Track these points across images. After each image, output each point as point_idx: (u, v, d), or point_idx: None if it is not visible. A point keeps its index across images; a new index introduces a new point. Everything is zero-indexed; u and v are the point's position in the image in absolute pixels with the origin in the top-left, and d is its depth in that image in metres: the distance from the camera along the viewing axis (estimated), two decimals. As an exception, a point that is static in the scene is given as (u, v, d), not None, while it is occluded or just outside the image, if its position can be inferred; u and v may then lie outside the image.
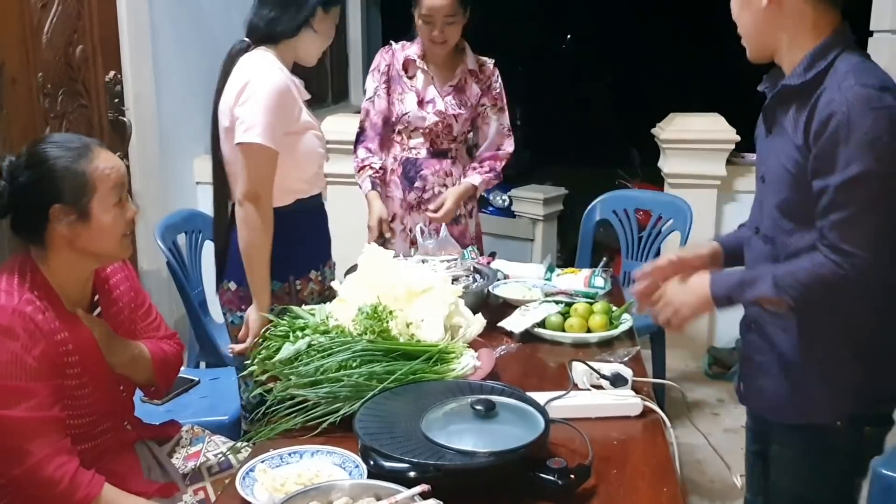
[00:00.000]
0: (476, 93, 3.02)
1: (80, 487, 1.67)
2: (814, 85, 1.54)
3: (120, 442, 1.90)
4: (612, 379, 1.85)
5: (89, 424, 1.80)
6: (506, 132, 3.08)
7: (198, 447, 2.02)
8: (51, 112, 3.12)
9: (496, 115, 3.06)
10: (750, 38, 1.65)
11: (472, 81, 3.01)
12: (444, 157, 3.03)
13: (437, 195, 2.98)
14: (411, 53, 2.98)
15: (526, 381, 1.94)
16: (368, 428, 1.56)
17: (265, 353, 1.87)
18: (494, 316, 2.28)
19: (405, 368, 1.80)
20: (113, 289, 1.93)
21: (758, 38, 1.63)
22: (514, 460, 1.47)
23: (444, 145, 3.02)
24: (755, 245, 1.74)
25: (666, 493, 1.49)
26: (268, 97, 2.15)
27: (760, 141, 1.75)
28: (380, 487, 1.37)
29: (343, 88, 6.69)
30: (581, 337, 2.21)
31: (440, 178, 3.02)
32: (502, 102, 3.08)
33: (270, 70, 2.20)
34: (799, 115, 1.56)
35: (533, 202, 5.18)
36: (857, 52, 1.57)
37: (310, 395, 1.74)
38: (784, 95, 1.61)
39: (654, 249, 3.83)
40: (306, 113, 2.31)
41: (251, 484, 1.48)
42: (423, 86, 2.98)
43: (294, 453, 1.59)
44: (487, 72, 3.04)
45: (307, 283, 2.37)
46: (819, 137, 1.49)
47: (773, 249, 1.67)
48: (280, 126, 2.19)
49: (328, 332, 1.90)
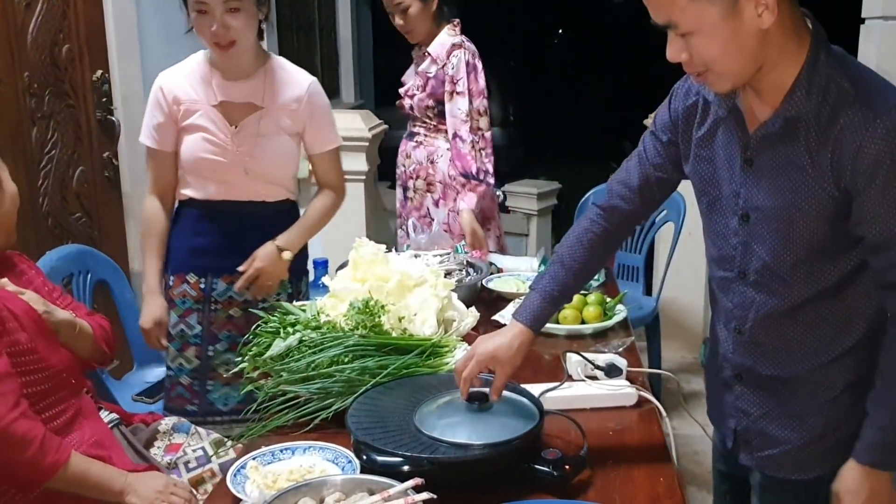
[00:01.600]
0: (436, 75, 3.04)
1: (49, 452, 1.64)
2: (823, 115, 1.34)
3: (83, 410, 1.86)
4: (606, 369, 1.84)
5: (45, 391, 1.76)
6: (462, 118, 2.97)
7: (181, 438, 2.00)
8: (37, 112, 3.08)
9: (448, 99, 3.00)
10: (738, 71, 1.35)
11: (432, 64, 3.05)
12: (411, 139, 3.21)
13: (401, 174, 3.23)
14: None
15: (520, 373, 1.90)
16: (361, 423, 1.54)
17: (256, 350, 1.85)
18: (488, 310, 2.26)
19: (398, 363, 1.78)
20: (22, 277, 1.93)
21: (748, 67, 1.35)
22: (509, 452, 1.45)
23: (415, 127, 3.19)
24: (740, 292, 1.52)
25: (662, 483, 1.47)
26: (150, 96, 2.33)
27: (731, 176, 1.48)
28: (372, 482, 1.36)
29: (334, 86, 6.68)
30: (575, 328, 2.20)
31: (402, 158, 3.24)
32: (454, 87, 2.99)
33: (168, 70, 2.33)
34: (817, 150, 1.35)
35: (527, 197, 5.17)
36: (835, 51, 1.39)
37: (301, 391, 1.73)
38: (785, 130, 1.38)
39: (647, 241, 3.83)
40: (205, 116, 2.28)
41: (242, 481, 1.46)
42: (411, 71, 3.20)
43: (286, 449, 1.57)
44: (434, 54, 3.05)
45: (180, 283, 2.37)
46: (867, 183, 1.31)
47: (769, 296, 1.48)
48: (153, 122, 2.31)
49: (319, 328, 1.89)
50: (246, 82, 2.30)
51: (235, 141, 2.27)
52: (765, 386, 1.55)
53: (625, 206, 1.68)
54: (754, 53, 1.32)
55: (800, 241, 1.41)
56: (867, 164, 1.30)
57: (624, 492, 1.45)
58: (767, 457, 1.56)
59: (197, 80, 2.30)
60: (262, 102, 2.30)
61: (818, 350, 1.48)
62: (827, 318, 1.47)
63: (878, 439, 1.41)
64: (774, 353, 1.52)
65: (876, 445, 1.41)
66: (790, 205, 1.40)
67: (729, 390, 1.61)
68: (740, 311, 1.53)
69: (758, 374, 1.55)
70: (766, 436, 1.55)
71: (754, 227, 1.46)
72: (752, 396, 1.57)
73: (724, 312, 1.59)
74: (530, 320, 1.62)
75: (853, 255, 1.42)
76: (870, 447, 1.42)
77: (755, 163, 1.44)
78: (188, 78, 2.31)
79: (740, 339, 1.55)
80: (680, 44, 1.34)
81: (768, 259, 1.46)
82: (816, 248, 1.42)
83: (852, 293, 1.45)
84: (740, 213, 1.48)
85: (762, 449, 1.57)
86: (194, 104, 2.28)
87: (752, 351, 1.54)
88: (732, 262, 1.52)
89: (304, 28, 6.06)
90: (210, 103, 2.28)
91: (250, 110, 2.30)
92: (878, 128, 1.29)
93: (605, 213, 1.70)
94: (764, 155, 1.42)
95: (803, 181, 1.38)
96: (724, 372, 1.61)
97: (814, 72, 1.35)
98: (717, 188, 1.52)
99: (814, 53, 1.35)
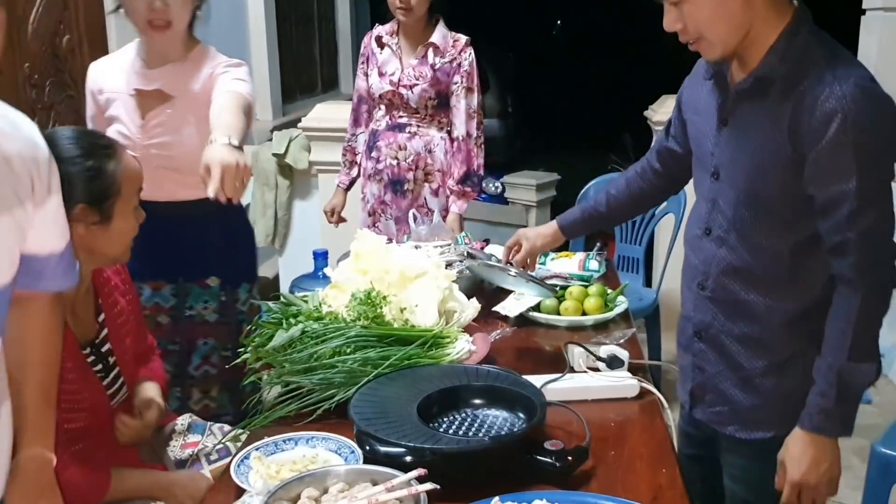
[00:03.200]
0: (441, 67, 3.01)
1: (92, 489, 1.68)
2: (792, 76, 1.43)
3: (113, 440, 1.87)
4: (608, 361, 1.84)
5: (81, 429, 1.76)
6: (472, 113, 3.06)
7: (196, 437, 2.00)
8: (38, 103, 3.09)
9: (465, 95, 3.04)
10: (726, 37, 1.46)
11: (436, 56, 3.01)
12: (401, 130, 3.09)
13: (388, 167, 3.10)
14: (384, 31, 3.11)
15: (522, 364, 1.93)
16: (364, 413, 1.54)
17: (259, 341, 1.86)
18: (489, 301, 2.26)
19: (400, 354, 1.78)
20: (113, 289, 1.90)
21: (735, 33, 1.45)
22: (511, 443, 1.46)
23: (403, 118, 3.08)
24: (705, 248, 1.62)
25: (665, 473, 1.48)
26: None
27: (708, 135, 1.60)
28: (375, 472, 1.36)
29: (333, 77, 6.67)
30: (576, 320, 2.20)
31: (393, 151, 3.10)
32: (471, 83, 3.05)
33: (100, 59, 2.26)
34: (780, 109, 1.44)
35: (526, 188, 5.17)
36: (821, 33, 1.47)
37: (304, 381, 1.73)
38: (755, 88, 1.48)
39: (647, 233, 3.83)
40: (121, 106, 2.18)
41: (246, 472, 1.47)
42: (387, 59, 3.08)
43: (289, 440, 1.58)
44: (459, 47, 3.03)
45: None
46: (817, 139, 1.38)
47: (728, 252, 1.57)
48: (88, 114, 2.22)
49: (322, 319, 1.89)
50: (162, 69, 2.18)
51: (144, 134, 2.15)
52: (720, 344, 1.63)
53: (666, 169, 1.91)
54: (740, 19, 1.43)
55: (760, 201, 1.49)
56: (819, 122, 1.38)
57: (626, 483, 1.45)
58: (717, 412, 1.65)
59: (121, 68, 2.20)
60: (175, 91, 2.18)
61: (769, 312, 1.55)
62: (780, 281, 1.53)
63: (819, 405, 1.46)
64: (730, 311, 1.60)
65: (817, 411, 1.46)
66: (752, 165, 1.49)
67: (689, 351, 1.71)
68: (703, 266, 1.63)
69: (715, 333, 1.63)
70: (717, 392, 1.63)
71: (721, 185, 1.57)
72: (708, 354, 1.66)
73: (691, 270, 1.68)
74: (563, 222, 2.07)
75: (811, 222, 1.47)
76: (811, 413, 1.47)
77: (729, 123, 1.54)
78: (117, 65, 2.21)
79: (701, 296, 1.64)
80: (675, 14, 1.47)
81: (731, 216, 1.55)
82: (775, 211, 1.50)
83: (807, 261, 1.51)
84: (711, 171, 1.59)
85: (713, 405, 1.65)
86: (114, 93, 2.18)
87: (710, 307, 1.63)
88: (701, 219, 1.63)
89: (302, 20, 6.04)
90: (128, 92, 2.17)
91: (161, 100, 2.17)
92: (835, 90, 1.36)
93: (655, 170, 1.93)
94: (736, 115, 1.53)
95: (766, 142, 1.46)
96: (686, 332, 1.72)
97: (791, 41, 1.44)
98: (699, 147, 1.64)
99: (794, 27, 1.45)
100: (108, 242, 1.69)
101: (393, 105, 3.08)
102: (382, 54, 3.10)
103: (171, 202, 2.19)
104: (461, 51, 3.01)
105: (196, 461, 1.92)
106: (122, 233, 1.71)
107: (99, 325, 1.81)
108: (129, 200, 1.70)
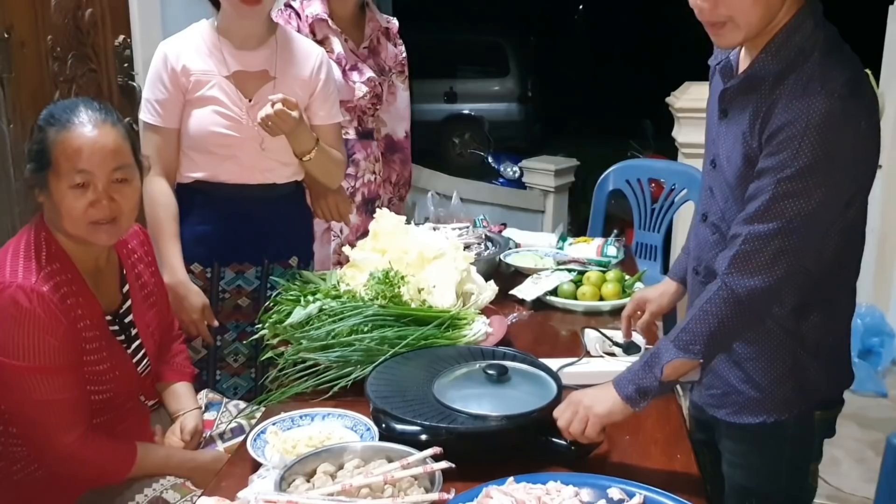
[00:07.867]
0: (391, 56, 2.74)
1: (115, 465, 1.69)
2: (781, 74, 1.40)
3: (135, 415, 1.89)
4: (625, 346, 1.84)
5: (106, 400, 1.76)
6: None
7: (212, 414, 2.01)
8: (60, 76, 3.09)
9: (403, 83, 2.77)
10: (757, 23, 1.40)
11: (387, 42, 2.73)
12: (371, 138, 2.73)
13: (366, 183, 2.70)
14: (317, 12, 2.59)
15: (538, 348, 1.93)
16: (380, 391, 1.55)
17: (276, 317, 1.86)
18: (506, 284, 2.26)
19: (416, 334, 1.79)
20: (137, 261, 1.90)
21: (765, 20, 1.40)
22: (527, 425, 1.46)
23: (370, 124, 2.71)
24: (701, 233, 1.64)
25: (679, 459, 1.48)
26: (152, 68, 2.17)
27: (713, 123, 1.60)
28: (391, 450, 1.37)
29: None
30: (593, 305, 2.20)
31: (370, 164, 2.71)
32: (405, 73, 2.79)
33: (171, 39, 2.19)
34: (758, 107, 1.43)
35: (544, 174, 5.16)
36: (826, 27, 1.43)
37: (321, 358, 1.74)
38: (745, 84, 1.47)
39: (666, 220, 3.81)
40: (217, 88, 2.14)
41: (262, 446, 1.48)
42: (341, 52, 2.60)
43: (305, 416, 1.59)
44: (394, 31, 2.76)
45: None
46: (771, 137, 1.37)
47: (720, 239, 1.56)
48: (156, 96, 2.15)
49: (339, 297, 1.90)
50: (258, 51, 2.18)
51: (251, 114, 2.13)
52: None
53: None
54: (777, 6, 1.39)
55: (743, 193, 1.48)
56: (775, 128, 1.37)
57: (640, 467, 1.46)
58: (712, 395, 1.65)
59: (205, 50, 2.16)
60: (275, 72, 2.19)
61: None
62: None
63: (632, 364, 1.49)
64: None
65: (636, 373, 1.45)
66: (737, 158, 1.49)
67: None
68: (698, 251, 1.65)
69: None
70: (713, 374, 1.63)
71: (717, 174, 1.57)
72: None
73: (692, 255, 1.69)
74: (679, 274, 1.84)
75: None
76: (630, 374, 1.46)
77: (728, 114, 1.53)
78: (196, 47, 2.17)
79: (697, 280, 1.65)
80: None
81: (722, 205, 1.56)
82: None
83: None
84: (711, 159, 1.60)
85: (709, 388, 1.65)
86: (205, 75, 2.14)
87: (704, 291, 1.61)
88: (701, 205, 1.65)
89: None
90: (222, 74, 2.15)
91: (263, 80, 2.18)
92: (803, 104, 1.34)
93: None
94: (731, 107, 1.52)
95: (746, 137, 1.46)
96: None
97: (788, 38, 1.41)
98: (707, 135, 1.65)
99: (796, 22, 1.41)
100: (59, 217, 1.65)
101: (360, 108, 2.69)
102: (332, 45, 2.64)
103: (263, 184, 2.20)
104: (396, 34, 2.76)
105: (211, 441, 1.93)
106: (68, 210, 1.63)
107: (122, 297, 1.82)
108: (64, 177, 1.62)
